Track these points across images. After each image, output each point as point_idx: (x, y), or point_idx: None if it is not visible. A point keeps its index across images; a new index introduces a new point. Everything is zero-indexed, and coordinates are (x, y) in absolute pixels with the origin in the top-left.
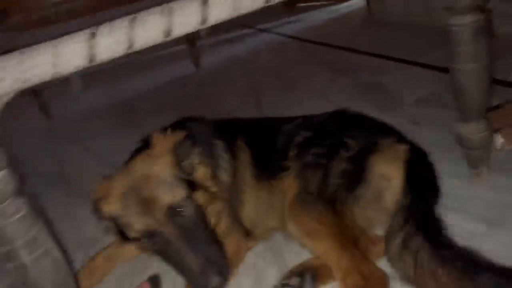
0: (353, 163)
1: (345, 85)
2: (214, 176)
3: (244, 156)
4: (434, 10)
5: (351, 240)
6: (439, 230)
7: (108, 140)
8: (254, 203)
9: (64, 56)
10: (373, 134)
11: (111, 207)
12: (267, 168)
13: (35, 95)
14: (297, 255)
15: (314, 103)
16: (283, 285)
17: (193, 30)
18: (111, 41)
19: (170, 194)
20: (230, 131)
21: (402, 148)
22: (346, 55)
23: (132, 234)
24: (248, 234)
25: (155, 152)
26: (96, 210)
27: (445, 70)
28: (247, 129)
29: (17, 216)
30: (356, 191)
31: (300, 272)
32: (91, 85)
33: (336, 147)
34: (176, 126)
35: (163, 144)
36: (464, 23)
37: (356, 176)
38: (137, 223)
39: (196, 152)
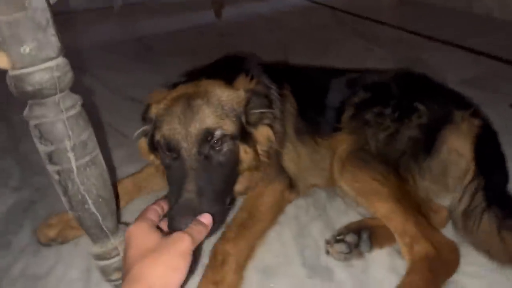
0: (424, 131)
1: (382, 56)
2: (273, 151)
3: (290, 107)
4: None
5: (416, 206)
6: None
7: (123, 74)
8: (293, 158)
9: None
10: (447, 103)
11: (158, 107)
12: (313, 124)
13: None
14: (342, 213)
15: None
16: (338, 240)
17: None
18: None
19: (216, 120)
20: (276, 76)
21: (477, 123)
22: (378, 28)
23: (158, 136)
24: (291, 186)
25: (234, 84)
26: (145, 113)
27: (489, 56)
28: (293, 76)
29: (71, 113)
30: (423, 161)
31: (357, 229)
32: (106, 19)
33: (406, 112)
34: (223, 62)
35: (245, 83)
36: None
37: (426, 146)
38: (168, 127)
39: (269, 114)
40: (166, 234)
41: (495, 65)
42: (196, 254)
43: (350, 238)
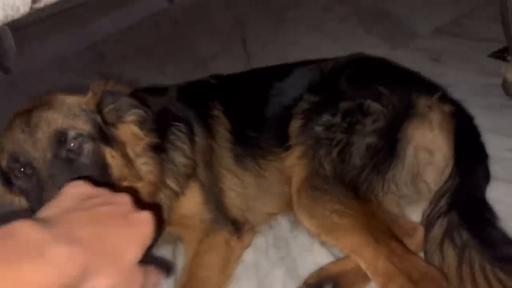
0: (381, 135)
1: (343, 14)
2: (151, 150)
3: (222, 131)
4: None
5: (386, 232)
6: (490, 222)
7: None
8: (237, 190)
9: None
10: (406, 90)
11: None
12: (254, 145)
13: None
14: (307, 250)
15: (309, 38)
16: None
17: None
18: None
19: (66, 120)
20: (202, 97)
21: (447, 109)
22: None
23: (3, 161)
24: (239, 228)
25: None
26: None
27: None
28: (225, 91)
29: None
30: (387, 172)
31: (317, 284)
32: (53, 30)
33: (357, 115)
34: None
35: (95, 88)
36: None
37: (387, 152)
38: (10, 143)
39: (135, 111)
40: None
41: (474, 2)
42: None
43: None
